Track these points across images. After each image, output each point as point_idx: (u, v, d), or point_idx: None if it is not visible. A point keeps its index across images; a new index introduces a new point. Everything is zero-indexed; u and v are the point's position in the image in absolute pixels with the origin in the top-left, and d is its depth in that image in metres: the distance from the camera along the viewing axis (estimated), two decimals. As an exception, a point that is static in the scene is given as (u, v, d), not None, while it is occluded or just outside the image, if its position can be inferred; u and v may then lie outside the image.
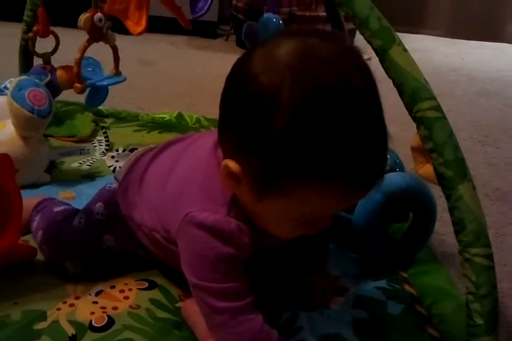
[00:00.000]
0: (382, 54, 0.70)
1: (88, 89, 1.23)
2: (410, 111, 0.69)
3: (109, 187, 0.93)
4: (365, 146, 0.57)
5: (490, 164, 1.56)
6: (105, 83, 1.24)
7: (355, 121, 0.56)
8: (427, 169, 0.77)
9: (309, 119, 0.55)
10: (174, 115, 1.55)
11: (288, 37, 0.61)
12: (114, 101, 1.48)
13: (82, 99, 1.30)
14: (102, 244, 0.87)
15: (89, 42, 1.16)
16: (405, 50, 0.70)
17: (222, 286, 0.68)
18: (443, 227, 1.09)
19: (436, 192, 0.86)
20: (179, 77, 2.02)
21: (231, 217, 0.67)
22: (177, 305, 0.83)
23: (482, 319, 0.68)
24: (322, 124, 0.55)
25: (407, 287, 0.94)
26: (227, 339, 0.70)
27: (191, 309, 0.76)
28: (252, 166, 0.60)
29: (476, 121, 1.89)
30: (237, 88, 0.61)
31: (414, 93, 0.67)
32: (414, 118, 0.68)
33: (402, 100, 0.69)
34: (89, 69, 1.26)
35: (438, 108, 0.68)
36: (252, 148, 0.59)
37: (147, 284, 0.87)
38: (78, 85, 1.17)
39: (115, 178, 0.98)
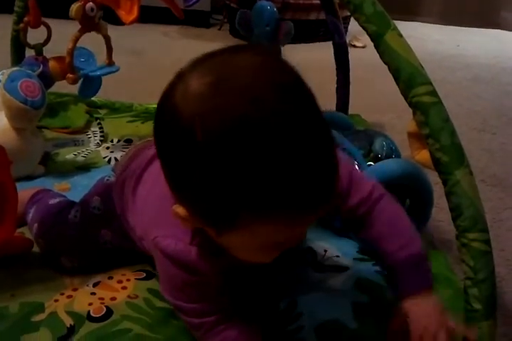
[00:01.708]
0: (377, 39, 0.69)
1: (81, 80, 1.22)
2: (406, 97, 0.68)
3: (107, 180, 0.91)
4: (295, 172, 0.51)
5: (486, 150, 1.56)
6: (98, 73, 1.23)
7: (277, 150, 0.50)
8: (424, 155, 0.76)
9: (227, 156, 0.50)
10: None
11: (202, 63, 0.56)
12: (107, 92, 1.47)
13: (75, 90, 1.29)
14: (98, 239, 0.86)
15: (81, 32, 1.15)
16: (400, 35, 0.70)
17: (189, 306, 0.67)
18: (439, 214, 1.09)
19: (433, 178, 0.86)
20: (172, 67, 1.99)
21: (193, 245, 0.65)
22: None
23: (480, 304, 0.68)
24: (241, 159, 0.50)
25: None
26: None
27: None
28: (193, 210, 0.57)
29: (472, 107, 1.89)
30: (161, 124, 0.56)
31: (410, 78, 0.67)
32: (410, 104, 0.68)
33: (398, 85, 0.68)
34: (82, 59, 1.25)
35: (434, 93, 0.68)
36: (186, 191, 0.56)
37: (145, 274, 0.87)
38: (71, 76, 1.16)
39: (113, 170, 0.96)
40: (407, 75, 0.67)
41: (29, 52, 1.32)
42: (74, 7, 1.11)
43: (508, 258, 1.06)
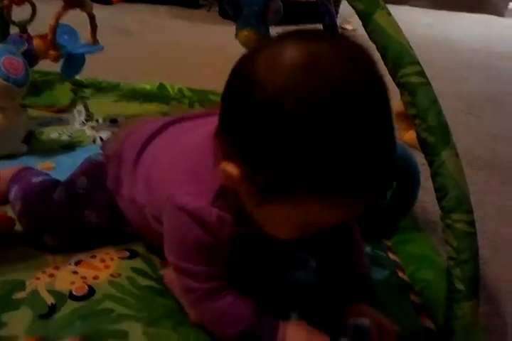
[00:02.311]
0: (365, 18, 0.68)
1: (64, 58, 1.19)
2: (394, 77, 0.67)
3: (94, 160, 0.90)
4: (370, 157, 0.54)
5: (471, 133, 1.57)
6: (81, 51, 1.20)
7: (359, 132, 0.53)
8: (411, 135, 0.76)
9: (312, 131, 0.52)
10: (156, 85, 1.53)
11: (292, 41, 0.56)
12: (93, 71, 1.45)
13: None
14: (82, 219, 0.85)
15: (65, 8, 1.13)
16: (389, 14, 0.68)
17: (197, 268, 0.68)
18: (425, 195, 1.08)
19: (419, 160, 0.86)
20: (160, 48, 1.98)
21: (215, 207, 0.65)
22: (160, 273, 0.82)
23: (463, 284, 0.69)
24: (326, 136, 0.52)
25: (390, 254, 0.94)
26: (201, 314, 0.71)
27: (173, 277, 0.75)
28: (252, 174, 0.57)
29: (459, 90, 1.89)
30: (239, 93, 0.58)
31: (398, 57, 0.66)
32: (398, 84, 0.67)
33: (386, 65, 0.67)
34: (66, 37, 1.23)
35: (422, 73, 0.67)
36: (252, 157, 0.56)
37: (129, 253, 0.86)
38: (53, 52, 1.14)
39: (101, 149, 0.95)
40: (395, 54, 0.66)
41: (13, 30, 1.30)
42: (58, -18, 1.09)
43: (492, 240, 1.07)
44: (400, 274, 0.89)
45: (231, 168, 0.59)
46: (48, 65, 1.31)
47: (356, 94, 0.53)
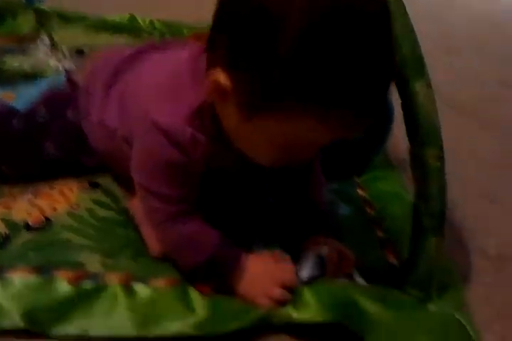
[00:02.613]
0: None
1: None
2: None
3: (56, 89, 0.87)
4: (372, 75, 0.52)
5: (450, 73, 1.53)
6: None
7: (365, 47, 0.51)
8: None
9: (319, 39, 0.50)
10: (126, 18, 1.46)
11: None
12: (62, 1, 1.38)
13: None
14: (42, 150, 0.82)
15: None
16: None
17: (165, 190, 0.66)
18: (398, 132, 1.07)
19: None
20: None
21: (190, 126, 0.62)
22: (122, 204, 0.80)
23: (429, 220, 0.68)
24: (332, 46, 0.50)
25: (359, 191, 0.93)
26: (165, 238, 0.70)
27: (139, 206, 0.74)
28: (246, 83, 0.54)
29: (442, 30, 1.85)
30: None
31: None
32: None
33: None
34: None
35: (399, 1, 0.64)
36: (249, 62, 0.53)
37: (89, 185, 0.83)
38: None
39: (66, 78, 0.90)
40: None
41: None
42: None
43: (464, 182, 1.05)
44: (368, 210, 0.88)
45: (222, 77, 0.56)
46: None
47: (367, 9, 0.51)
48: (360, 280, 0.71)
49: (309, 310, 0.62)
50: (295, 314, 0.62)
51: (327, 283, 0.66)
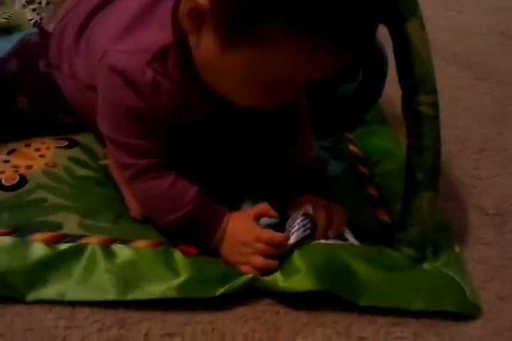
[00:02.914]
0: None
1: None
2: None
3: (27, 40, 0.82)
4: (361, 3, 0.47)
5: (450, 28, 1.48)
6: None
7: None
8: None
9: None
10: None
11: None
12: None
13: None
14: (14, 106, 0.78)
15: None
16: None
17: (132, 142, 0.61)
18: (394, 89, 1.02)
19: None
20: None
21: (151, 68, 0.57)
22: (101, 162, 0.76)
23: (422, 173, 0.64)
24: None
25: (352, 147, 0.90)
26: (137, 194, 0.66)
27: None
28: (224, 2, 0.49)
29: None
30: None
31: None
32: None
33: None
34: None
35: None
36: None
37: (67, 142, 0.79)
38: None
39: (38, 28, 0.85)
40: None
41: None
42: None
43: (461, 136, 1.01)
44: (360, 167, 0.85)
45: None
46: None
47: None
48: (352, 239, 0.67)
49: (297, 278, 0.59)
50: (282, 282, 0.59)
51: (317, 246, 0.63)
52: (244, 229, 0.62)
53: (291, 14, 0.46)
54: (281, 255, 0.62)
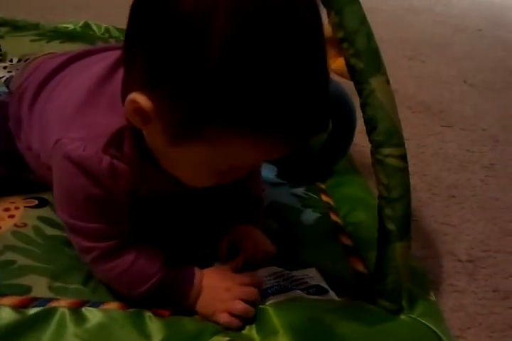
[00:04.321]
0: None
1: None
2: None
3: (-3, 99, 0.82)
4: (305, 89, 0.47)
5: (415, 78, 1.52)
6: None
7: (294, 58, 0.46)
8: (339, 63, 0.69)
9: (248, 48, 0.44)
10: (80, 24, 1.41)
11: None
12: (9, 9, 1.32)
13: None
14: None
15: None
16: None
17: (90, 226, 0.59)
18: (364, 139, 1.04)
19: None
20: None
21: (107, 154, 0.55)
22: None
23: (394, 224, 0.64)
24: (262, 55, 0.44)
25: (324, 197, 0.90)
26: (101, 275, 0.64)
27: None
28: (168, 105, 0.48)
29: (404, 35, 1.84)
30: (156, 2, 0.47)
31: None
32: (324, 2, 0.60)
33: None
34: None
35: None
36: (171, 82, 0.47)
37: (37, 202, 0.78)
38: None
39: (7, 87, 0.85)
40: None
41: None
42: None
43: (430, 183, 1.03)
44: (333, 216, 0.85)
45: (142, 100, 0.49)
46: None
47: (298, 16, 0.46)
48: (331, 292, 0.67)
49: (274, 335, 0.58)
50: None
51: (294, 302, 0.63)
52: (225, 276, 0.63)
53: (236, 114, 0.46)
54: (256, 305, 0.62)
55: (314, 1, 0.50)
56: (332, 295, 0.67)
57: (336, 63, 0.73)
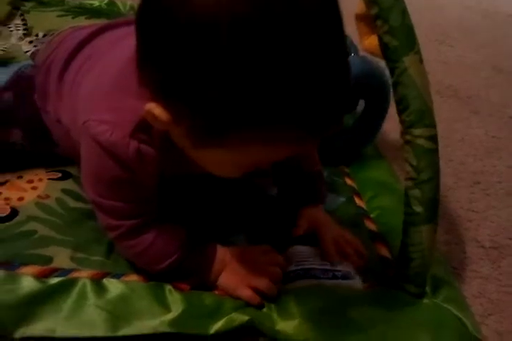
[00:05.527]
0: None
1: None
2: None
3: (23, 72, 0.80)
4: (323, 83, 0.44)
5: (444, 62, 1.49)
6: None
7: (310, 52, 0.43)
8: (372, 41, 0.68)
9: (254, 55, 0.42)
10: (105, 1, 1.40)
11: None
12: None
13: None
14: (8, 138, 0.77)
15: None
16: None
17: (114, 204, 0.60)
18: (387, 123, 1.02)
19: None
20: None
21: (134, 139, 0.55)
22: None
23: (421, 206, 0.63)
24: (276, 53, 0.42)
25: (348, 180, 0.89)
26: (124, 251, 0.65)
27: None
28: (186, 115, 0.47)
29: (434, 19, 1.81)
30: (162, 14, 0.45)
31: None
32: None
33: None
34: None
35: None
36: (185, 92, 0.45)
37: (61, 174, 0.78)
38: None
39: (32, 60, 0.85)
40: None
41: None
42: None
43: (456, 168, 1.01)
44: (357, 201, 0.84)
45: (158, 111, 0.48)
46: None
47: (304, 6, 0.43)
48: (357, 278, 0.67)
49: (294, 324, 0.58)
50: (278, 324, 0.59)
51: (315, 289, 0.63)
52: (251, 254, 0.64)
53: (252, 120, 0.45)
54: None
55: None
56: (357, 280, 0.66)
57: (369, 40, 0.71)
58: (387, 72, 0.63)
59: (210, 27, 0.42)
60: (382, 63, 0.65)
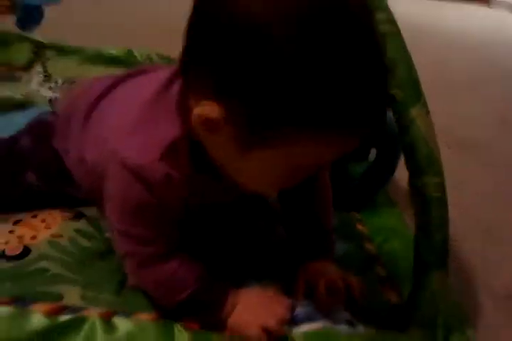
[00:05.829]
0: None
1: (19, 9, 1.10)
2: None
3: (42, 118, 0.84)
4: (369, 83, 0.48)
5: (451, 114, 1.52)
6: (37, 2, 1.11)
7: (357, 55, 0.47)
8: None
9: (307, 53, 0.45)
10: (123, 51, 1.45)
11: None
12: (55, 33, 1.37)
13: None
14: (23, 180, 0.78)
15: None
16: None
17: (140, 231, 0.61)
18: (400, 172, 1.04)
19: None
20: (129, 11, 1.91)
21: (163, 164, 0.57)
22: (107, 234, 0.75)
23: (432, 254, 0.63)
24: (325, 55, 0.46)
25: (359, 226, 0.89)
26: (141, 281, 0.65)
27: None
28: (240, 112, 0.49)
29: (439, 72, 1.85)
30: (214, 17, 0.49)
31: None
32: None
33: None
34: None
35: (393, 22, 0.62)
36: (240, 90, 0.48)
37: (74, 214, 0.79)
38: (4, 2, 1.04)
39: (51, 107, 0.88)
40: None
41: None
42: None
43: (466, 217, 1.01)
44: (368, 246, 0.84)
45: (210, 108, 0.50)
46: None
47: (352, 12, 0.47)
48: (359, 326, 0.66)
49: None
50: None
51: (321, 333, 0.61)
52: (263, 296, 0.64)
53: (305, 118, 0.47)
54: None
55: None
56: (360, 329, 0.65)
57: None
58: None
59: (264, 28, 0.46)
60: (389, 113, 0.68)
